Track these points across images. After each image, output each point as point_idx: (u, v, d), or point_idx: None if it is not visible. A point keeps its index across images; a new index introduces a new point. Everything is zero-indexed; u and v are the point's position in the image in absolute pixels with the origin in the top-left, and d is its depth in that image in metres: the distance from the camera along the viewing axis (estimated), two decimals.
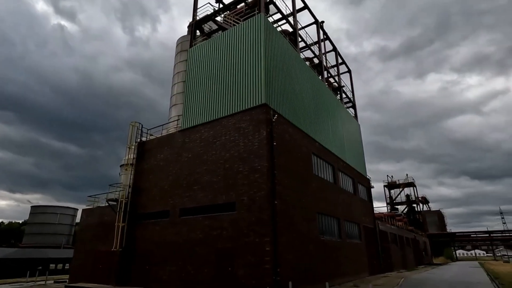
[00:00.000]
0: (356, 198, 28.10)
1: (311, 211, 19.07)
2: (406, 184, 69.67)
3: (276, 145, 16.55)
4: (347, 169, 27.44)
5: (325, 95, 27.15)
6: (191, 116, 20.33)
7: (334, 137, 26.69)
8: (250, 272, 14.33)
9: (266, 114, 16.77)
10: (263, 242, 14.43)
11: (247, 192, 15.83)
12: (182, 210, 18.32)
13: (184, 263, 16.86)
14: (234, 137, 17.49)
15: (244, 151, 16.76)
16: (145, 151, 22.19)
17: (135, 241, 19.89)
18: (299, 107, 21.35)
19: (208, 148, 18.42)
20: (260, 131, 16.51)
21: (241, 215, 15.59)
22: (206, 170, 17.98)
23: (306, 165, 19.88)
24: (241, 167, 16.52)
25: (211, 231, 16.44)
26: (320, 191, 20.90)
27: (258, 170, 15.80)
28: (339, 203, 23.68)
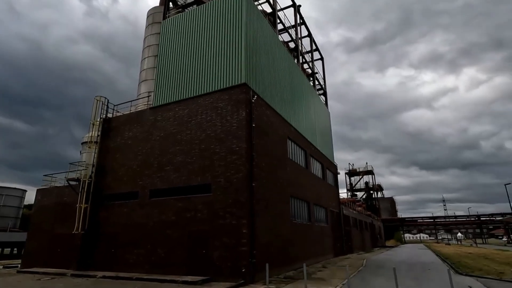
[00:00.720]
0: (324, 183, 28.81)
1: (285, 195, 19.13)
2: (365, 172, 73.34)
3: (254, 126, 16.16)
4: (317, 155, 27.91)
5: (300, 80, 27.09)
6: (164, 93, 19.17)
7: (307, 123, 26.88)
8: (226, 255, 14.06)
9: (245, 94, 16.23)
10: (240, 225, 14.17)
11: (223, 174, 15.36)
12: (153, 191, 17.42)
13: (154, 246, 16.16)
14: (211, 116, 16.78)
15: (221, 132, 16.17)
16: (111, 128, 20.66)
17: (99, 223, 18.67)
18: (276, 89, 21.03)
19: (182, 128, 17.54)
20: (239, 112, 15.98)
21: (217, 197, 15.14)
22: (180, 150, 17.15)
23: (282, 149, 19.78)
24: (218, 148, 15.95)
25: (184, 213, 15.83)
26: (293, 175, 21.01)
27: (236, 152, 15.36)
28: (309, 188, 24.07)
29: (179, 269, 14.95)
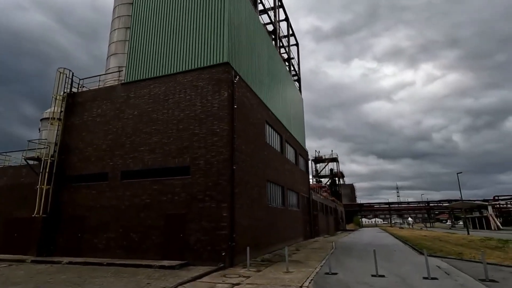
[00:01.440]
0: (297, 169, 29.17)
1: (262, 179, 19.01)
2: (330, 159, 75.90)
3: (236, 108, 15.65)
4: (291, 140, 28.06)
5: (278, 64, 26.74)
6: (138, 68, 17.86)
7: (283, 108, 26.77)
8: (205, 238, 13.69)
9: (227, 74, 15.59)
10: (220, 208, 13.81)
11: (203, 156, 14.79)
12: (125, 172, 16.39)
13: (126, 230, 15.32)
14: (190, 96, 15.97)
15: (201, 112, 15.47)
16: (77, 104, 18.97)
17: (63, 206, 17.31)
18: (255, 71, 20.52)
19: (159, 106, 16.54)
20: (221, 92, 15.35)
21: (196, 180, 14.59)
22: (155, 130, 16.20)
23: (260, 133, 19.50)
24: (198, 129, 15.27)
25: (160, 196, 15.10)
26: (270, 159, 20.91)
27: (217, 134, 14.81)
28: (284, 173, 24.20)
29: (154, 254, 14.36)
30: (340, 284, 9.86)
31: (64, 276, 11.56)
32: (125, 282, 10.26)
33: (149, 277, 11.18)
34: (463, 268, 12.67)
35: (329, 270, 11.86)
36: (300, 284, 9.79)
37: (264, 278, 10.89)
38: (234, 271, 12.51)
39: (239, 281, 10.40)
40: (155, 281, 10.37)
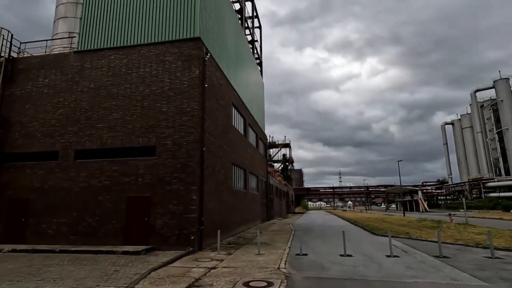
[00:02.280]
0: (257, 153, 29.28)
1: (228, 162, 18.68)
2: (283, 145, 77.78)
3: (207, 87, 14.94)
4: (253, 124, 27.95)
5: (244, 45, 26.10)
6: (94, 36, 16.02)
7: (247, 90, 26.39)
8: (172, 222, 13.09)
9: (199, 50, 14.72)
10: (189, 190, 13.25)
11: (171, 136, 13.95)
12: (80, 152, 14.83)
13: (81, 214, 14.00)
14: (157, 71, 14.81)
15: (169, 89, 14.47)
16: (17, 71, 16.49)
17: (2, 187, 15.19)
18: (223, 50, 19.76)
19: (120, 80, 15.09)
20: (192, 69, 14.47)
21: (163, 161, 13.76)
22: (116, 106, 14.82)
23: (227, 114, 18.99)
24: (165, 107, 14.30)
25: (121, 177, 13.99)
26: (235, 142, 20.59)
27: (187, 113, 14.03)
28: (246, 156, 24.10)
29: (115, 239, 13.38)
30: (314, 264, 10.16)
31: (11, 266, 10.22)
32: (88, 270, 9.38)
33: (114, 263, 10.39)
34: (416, 246, 13.94)
35: (300, 251, 12.18)
36: (276, 266, 9.88)
37: (238, 261, 10.79)
38: (205, 254, 12.22)
39: (214, 265, 10.16)
40: (123, 268, 9.66)
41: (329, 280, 8.05)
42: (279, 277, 8.35)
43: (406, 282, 7.76)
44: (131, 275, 8.80)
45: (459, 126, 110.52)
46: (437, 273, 8.69)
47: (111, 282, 8.06)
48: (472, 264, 9.77)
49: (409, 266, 9.65)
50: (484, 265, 9.63)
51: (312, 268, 9.56)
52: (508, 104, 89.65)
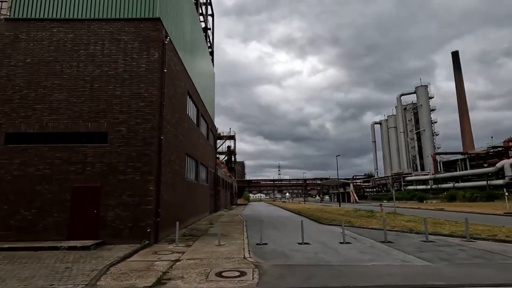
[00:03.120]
0: (207, 144, 28.81)
1: (182, 151, 18.07)
2: (229, 136, 77.68)
3: (166, 72, 14.18)
4: (205, 114, 27.38)
5: (199, 31, 25.25)
6: (32, 2, 14.00)
7: (200, 79, 25.68)
8: (125, 214, 12.26)
9: (159, 32, 13.86)
10: (146, 181, 12.52)
11: (126, 122, 12.98)
12: (12, 135, 12.91)
13: (14, 206, 12.28)
14: (110, 50, 13.57)
15: (124, 72, 13.39)
16: None
17: None
18: (180, 35, 18.91)
19: (64, 56, 13.48)
20: (151, 52, 13.58)
21: (117, 149, 12.75)
22: (60, 85, 13.21)
23: (182, 103, 18.28)
24: (119, 91, 13.22)
25: (66, 165, 12.60)
26: (189, 132, 19.98)
27: (145, 98, 13.16)
28: (198, 147, 23.57)
29: (57, 234, 12.05)
30: (276, 253, 10.48)
31: None
32: (33, 269, 8.33)
33: (61, 260, 9.39)
34: (361, 233, 15.24)
35: (260, 241, 12.43)
36: (241, 255, 9.95)
37: (201, 253, 10.60)
38: (163, 247, 11.73)
39: (177, 257, 9.83)
40: (75, 265, 8.79)
41: (297, 267, 8.39)
42: (249, 266, 8.44)
43: (366, 265, 8.48)
44: (87, 271, 8.06)
45: (386, 126, 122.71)
46: (388, 256, 9.66)
47: (66, 281, 7.30)
48: (413, 247, 11.06)
49: (362, 251, 10.54)
50: (423, 248, 10.98)
51: (277, 257, 9.85)
52: (426, 108, 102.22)
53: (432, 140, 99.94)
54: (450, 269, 7.93)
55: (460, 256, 9.52)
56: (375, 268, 8.13)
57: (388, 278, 7.18)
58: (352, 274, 7.53)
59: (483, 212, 29.57)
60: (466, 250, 10.34)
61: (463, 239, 12.46)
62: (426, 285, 6.62)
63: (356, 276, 7.35)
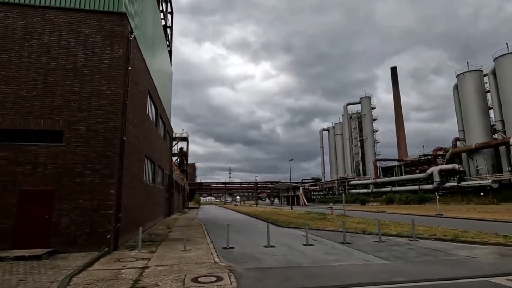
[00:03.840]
0: (164, 145, 27.87)
1: (142, 153, 17.30)
2: (182, 138, 75.68)
3: (130, 70, 13.54)
4: (163, 115, 26.49)
5: (159, 29, 24.44)
6: None
7: (159, 78, 24.80)
8: (82, 220, 11.40)
9: (124, 28, 13.21)
10: (106, 184, 11.79)
11: (85, 121, 12.10)
12: None
13: None
14: (68, 42, 12.58)
15: (84, 66, 12.50)
16: None
17: None
18: (143, 32, 18.18)
19: (13, 45, 12.16)
20: (115, 48, 12.88)
21: (74, 149, 11.81)
22: (6, 77, 11.86)
23: (143, 102, 17.54)
24: (78, 87, 12.29)
25: (12, 166, 11.32)
26: (148, 133, 19.19)
27: (108, 96, 12.42)
28: (156, 148, 22.72)
29: (0, 243, 10.76)
30: (246, 256, 10.59)
31: None
32: None
33: (10, 272, 8.45)
34: (319, 235, 16.00)
35: (227, 245, 12.43)
36: (211, 260, 9.87)
37: (168, 259, 10.28)
38: (124, 254, 11.12)
39: (144, 265, 9.42)
40: (29, 276, 7.96)
41: (271, 270, 8.60)
42: (223, 271, 8.43)
43: (333, 265, 9.00)
44: (46, 283, 7.38)
45: (333, 133, 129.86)
46: (350, 256, 10.35)
47: None
48: (369, 247, 11.98)
49: (326, 252, 11.14)
50: (378, 247, 11.94)
51: (247, 260, 9.96)
52: (369, 117, 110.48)
53: (373, 147, 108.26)
54: (407, 267, 8.79)
55: (411, 254, 10.56)
56: (342, 268, 8.68)
57: (357, 277, 7.74)
58: (325, 275, 7.96)
59: (418, 214, 32.84)
60: (415, 249, 11.50)
61: (410, 239, 13.80)
62: (392, 281, 7.28)
63: (329, 276, 7.79)
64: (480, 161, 63.72)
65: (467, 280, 7.34)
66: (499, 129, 64.11)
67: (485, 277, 7.54)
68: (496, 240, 12.69)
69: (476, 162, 64.51)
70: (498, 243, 12.18)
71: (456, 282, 7.19)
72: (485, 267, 8.50)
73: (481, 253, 10.43)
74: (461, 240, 13.07)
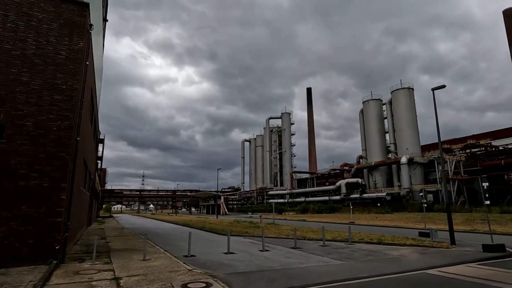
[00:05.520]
0: (94, 148, 25.40)
1: (82, 156, 15.71)
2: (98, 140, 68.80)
3: (87, 65, 12.51)
4: (96, 114, 24.25)
5: (100, 22, 22.59)
6: None
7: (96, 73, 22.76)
8: (25, 229, 9.95)
9: (85, 19, 12.22)
10: (57, 188, 10.55)
11: (34, 116, 10.70)
12: None
13: None
14: (16, 25, 11.03)
15: (35, 55, 11.10)
16: None
17: None
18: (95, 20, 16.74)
19: None
20: (74, 39, 11.78)
21: (18, 148, 10.29)
22: None
23: (88, 100, 16.04)
24: (27, 77, 10.83)
25: None
26: (87, 135, 17.51)
27: (63, 91, 11.23)
28: (90, 151, 20.71)
29: None
30: (215, 263, 10.75)
31: None
32: None
33: None
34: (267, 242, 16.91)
35: (188, 253, 12.35)
36: (184, 268, 9.79)
37: (135, 269, 9.79)
38: (78, 266, 10.11)
39: (113, 276, 8.84)
40: None
41: (251, 274, 9.07)
42: (205, 277, 8.56)
43: (303, 267, 9.96)
44: None
45: (254, 144, 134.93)
46: (309, 258, 11.51)
47: None
48: (319, 251, 13.40)
49: (286, 256, 12.09)
50: (326, 251, 13.45)
51: (219, 267, 10.18)
52: (288, 132, 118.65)
53: (290, 160, 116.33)
54: (361, 265, 10.32)
55: (356, 255, 12.30)
56: (312, 269, 9.71)
57: (330, 275, 8.84)
58: (301, 275, 8.84)
59: (335, 222, 36.93)
60: (356, 251, 13.37)
61: (346, 243, 15.83)
62: (359, 277, 8.57)
63: (307, 276, 8.70)
64: (377, 177, 74.74)
65: (412, 273, 9.15)
66: (392, 150, 76.55)
67: (421, 270, 9.49)
68: (410, 242, 15.58)
69: (374, 177, 75.43)
70: (413, 244, 15.01)
71: (405, 275, 8.91)
72: (417, 263, 10.60)
73: (407, 252, 12.82)
74: (385, 242, 15.63)
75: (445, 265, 10.18)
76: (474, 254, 12.13)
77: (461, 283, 8.00)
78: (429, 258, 11.52)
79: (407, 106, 72.00)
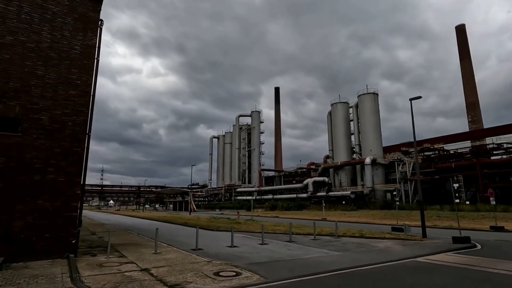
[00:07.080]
0: None
1: None
2: None
3: (97, 62, 12.55)
4: None
5: None
6: None
7: None
8: (41, 223, 10.00)
9: (98, 15, 12.28)
10: (73, 183, 10.68)
11: (49, 110, 10.68)
12: None
13: None
14: (31, 17, 10.89)
15: (50, 49, 11.03)
16: None
17: None
18: None
19: None
20: (88, 34, 11.83)
21: (33, 142, 10.25)
22: None
23: None
24: (42, 71, 10.76)
25: None
26: None
27: (78, 87, 11.28)
28: None
29: None
30: (228, 256, 11.39)
31: None
32: None
33: None
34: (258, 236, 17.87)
35: (196, 247, 12.91)
36: (202, 260, 10.42)
37: (154, 261, 10.24)
38: (95, 260, 10.34)
39: (138, 267, 9.27)
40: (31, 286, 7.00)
41: (270, 264, 9.95)
42: (230, 267, 9.31)
43: (308, 258, 11.04)
44: None
45: (223, 141, 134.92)
46: (310, 250, 12.63)
47: None
48: (314, 244, 14.60)
49: (288, 249, 13.12)
50: (320, 244, 14.69)
51: (235, 258, 10.89)
52: (257, 130, 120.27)
53: (259, 158, 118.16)
54: (358, 255, 11.64)
55: (349, 247, 13.66)
56: (317, 259, 10.82)
57: (334, 264, 9.98)
58: (311, 264, 9.90)
59: (308, 218, 38.76)
60: (346, 244, 14.76)
61: (333, 237, 17.24)
62: (362, 265, 9.81)
63: (316, 265, 9.76)
64: (342, 176, 78.78)
65: (405, 260, 10.61)
66: (357, 151, 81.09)
67: (411, 258, 11.01)
68: (388, 236, 17.36)
69: (340, 176, 79.41)
70: (391, 237, 16.77)
71: (400, 262, 10.34)
72: (404, 253, 12.15)
73: (390, 244, 14.45)
74: (366, 236, 17.26)
75: (428, 254, 11.82)
76: (446, 245, 14.04)
77: (451, 267, 9.55)
78: (411, 248, 13.17)
79: (372, 110, 76.64)
